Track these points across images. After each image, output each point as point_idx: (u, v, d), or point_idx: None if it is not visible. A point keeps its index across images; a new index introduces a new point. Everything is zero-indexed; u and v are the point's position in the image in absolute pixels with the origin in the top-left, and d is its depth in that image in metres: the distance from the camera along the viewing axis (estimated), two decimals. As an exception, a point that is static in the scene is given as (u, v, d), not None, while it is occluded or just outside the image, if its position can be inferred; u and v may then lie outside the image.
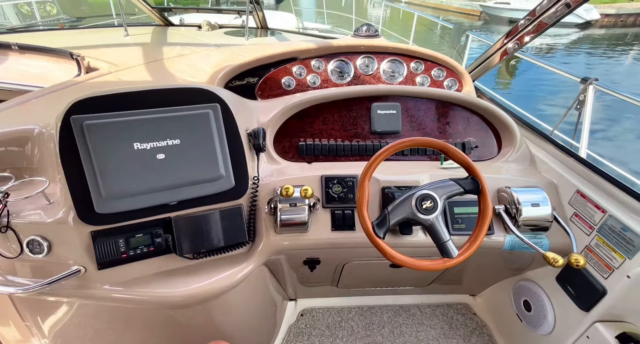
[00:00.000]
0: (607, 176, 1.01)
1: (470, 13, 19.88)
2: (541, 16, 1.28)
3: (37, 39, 2.03)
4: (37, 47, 1.55)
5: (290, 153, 1.28)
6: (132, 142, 0.91)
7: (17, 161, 0.97)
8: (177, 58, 1.78)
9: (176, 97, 0.97)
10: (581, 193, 1.06)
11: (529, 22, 1.34)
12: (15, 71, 1.51)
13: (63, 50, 1.54)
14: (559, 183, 1.15)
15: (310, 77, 1.55)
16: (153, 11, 2.55)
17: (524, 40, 1.43)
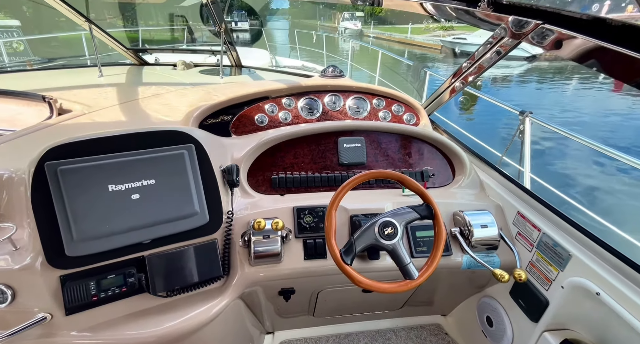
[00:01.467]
0: (540, 200, 1.16)
1: (432, 47, 21.79)
2: (479, 60, 1.50)
3: (6, 81, 2.03)
4: (8, 91, 1.56)
5: (263, 187, 1.35)
6: (106, 184, 0.94)
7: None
8: (152, 98, 1.85)
9: (152, 140, 1.03)
10: (521, 214, 1.20)
11: (470, 65, 1.56)
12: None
13: (34, 94, 1.56)
14: (504, 206, 1.29)
15: (281, 114, 1.67)
16: (128, 52, 2.65)
17: (468, 80, 1.64)
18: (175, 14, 9.26)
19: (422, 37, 23.75)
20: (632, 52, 0.64)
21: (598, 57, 0.75)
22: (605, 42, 0.71)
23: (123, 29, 7.33)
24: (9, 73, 2.30)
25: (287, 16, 51.46)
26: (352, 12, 34.94)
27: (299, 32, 7.97)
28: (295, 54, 7.94)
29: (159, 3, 14.44)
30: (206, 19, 8.53)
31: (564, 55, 0.82)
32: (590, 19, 0.74)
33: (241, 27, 21.99)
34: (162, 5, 13.54)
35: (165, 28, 9.37)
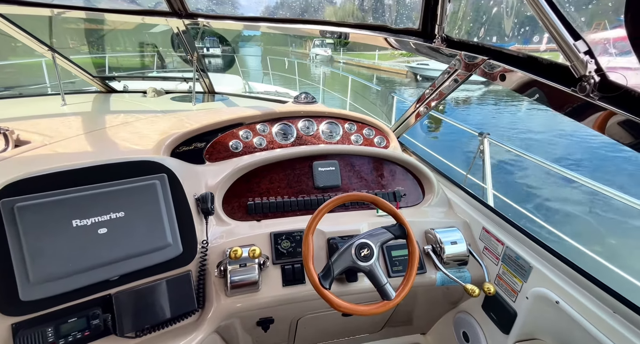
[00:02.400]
0: (501, 215, 1.25)
1: (398, 72, 23.24)
2: (440, 87, 1.63)
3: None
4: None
5: (239, 213, 1.33)
6: (70, 220, 0.90)
7: None
8: (120, 126, 1.80)
9: (121, 171, 1.01)
10: (486, 230, 1.28)
11: (432, 92, 1.69)
12: None
13: None
14: (470, 222, 1.37)
15: (256, 140, 1.69)
16: (94, 79, 2.59)
17: (431, 105, 1.77)
18: (144, 40, 9.21)
19: (388, 63, 25.31)
20: (559, 85, 0.75)
21: (536, 89, 0.86)
22: (537, 76, 0.83)
23: (89, 55, 7.16)
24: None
25: (259, 43, 52.92)
26: (322, 40, 36.82)
27: (272, 58, 8.22)
28: (268, 79, 8.13)
29: (127, 29, 14.38)
30: (177, 46, 8.57)
31: (508, 86, 0.93)
32: (525, 57, 0.86)
33: (213, 52, 22.23)
34: (130, 31, 13.44)
35: (134, 54, 9.26)
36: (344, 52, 37.93)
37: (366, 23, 1.39)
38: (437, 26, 1.02)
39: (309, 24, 1.67)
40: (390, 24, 1.24)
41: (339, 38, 1.73)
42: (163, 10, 1.69)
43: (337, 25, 1.52)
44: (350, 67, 28.27)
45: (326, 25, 1.60)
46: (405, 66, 22.08)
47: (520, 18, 0.91)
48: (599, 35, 0.68)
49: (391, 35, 1.26)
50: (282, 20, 1.65)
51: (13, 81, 6.39)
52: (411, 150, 1.83)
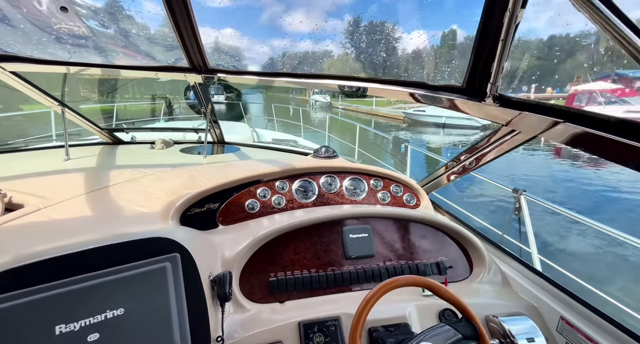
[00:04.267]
0: (587, 304, 1.01)
1: (396, 117, 24.15)
2: (481, 151, 1.48)
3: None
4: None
5: (259, 293, 1.12)
6: (53, 326, 0.69)
7: None
8: (126, 184, 1.65)
9: (123, 254, 0.82)
10: (567, 322, 1.04)
11: (473, 153, 1.54)
12: None
13: None
14: (539, 307, 1.14)
15: (275, 198, 1.53)
16: (102, 132, 2.51)
17: (466, 167, 1.63)
18: (152, 88, 9.62)
19: (386, 109, 26.45)
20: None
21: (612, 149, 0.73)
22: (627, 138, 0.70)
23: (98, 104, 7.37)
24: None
25: (261, 90, 56.05)
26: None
27: (276, 106, 8.49)
28: (272, 125, 8.30)
29: (136, 78, 15.17)
30: (185, 94, 8.91)
31: (575, 148, 0.80)
32: (610, 119, 0.74)
33: (217, 100, 23.28)
34: (138, 80, 14.14)
35: (141, 102, 9.59)
36: (342, 98, 39.98)
37: (397, 79, 1.32)
38: (489, 84, 0.93)
39: (330, 80, 1.62)
40: (427, 80, 1.16)
41: (356, 91, 1.67)
42: (182, 66, 1.65)
43: (362, 80, 1.46)
44: (348, 112, 29.48)
45: (348, 81, 1.55)
46: (402, 112, 23.04)
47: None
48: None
49: (427, 91, 1.18)
50: (304, 76, 1.60)
51: (19, 131, 6.42)
52: (444, 210, 1.67)
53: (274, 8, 1.72)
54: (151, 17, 1.52)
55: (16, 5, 1.36)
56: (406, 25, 1.52)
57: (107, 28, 1.57)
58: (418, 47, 1.53)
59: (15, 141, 2.97)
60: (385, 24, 1.58)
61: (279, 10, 1.65)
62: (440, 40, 1.50)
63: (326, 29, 1.63)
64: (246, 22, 1.70)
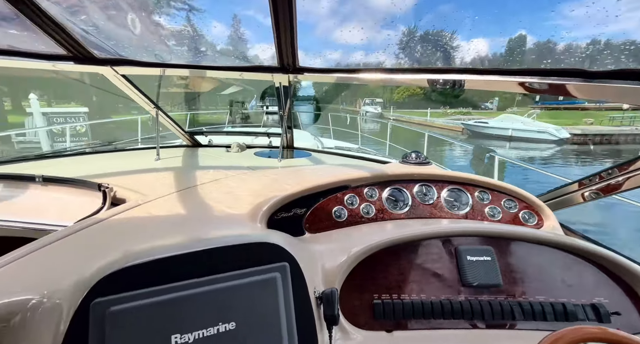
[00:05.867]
0: None
1: (453, 129, 22.75)
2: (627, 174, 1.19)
3: (64, 166, 1.96)
4: (62, 179, 1.42)
5: (363, 317, 0.96)
6: (169, 335, 0.61)
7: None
8: (211, 185, 1.65)
9: (232, 257, 0.74)
10: None
11: (619, 175, 1.24)
12: (29, 206, 1.32)
13: (90, 183, 1.40)
14: None
15: (363, 207, 1.38)
16: (185, 135, 2.65)
17: (608, 189, 1.31)
18: (216, 100, 10.50)
19: (442, 120, 25.13)
20: None
21: None
22: None
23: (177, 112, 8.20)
24: (69, 157, 2.28)
25: (312, 102, 57.85)
26: (372, 98, 38.65)
27: (333, 115, 8.51)
28: (326, 134, 8.32)
29: (203, 92, 16.75)
30: (248, 101, 9.53)
31: None
32: None
33: (272, 110, 24.48)
34: (205, 93, 15.51)
35: (209, 111, 10.50)
36: (394, 109, 39.16)
37: (531, 68, 1.10)
38: None
39: (428, 74, 1.44)
40: (588, 67, 0.92)
41: (452, 87, 1.46)
42: (271, 66, 1.62)
43: (480, 72, 1.25)
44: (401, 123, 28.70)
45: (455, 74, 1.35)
46: (462, 123, 21.64)
47: None
48: None
49: (585, 81, 0.93)
50: (401, 71, 1.45)
51: (111, 135, 7.38)
52: (580, 234, 1.34)
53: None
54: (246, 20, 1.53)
55: (117, 10, 1.45)
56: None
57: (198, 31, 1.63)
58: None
59: (112, 142, 3.31)
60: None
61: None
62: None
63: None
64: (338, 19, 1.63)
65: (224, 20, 1.73)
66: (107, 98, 17.94)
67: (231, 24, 1.72)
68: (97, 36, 1.40)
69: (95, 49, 1.44)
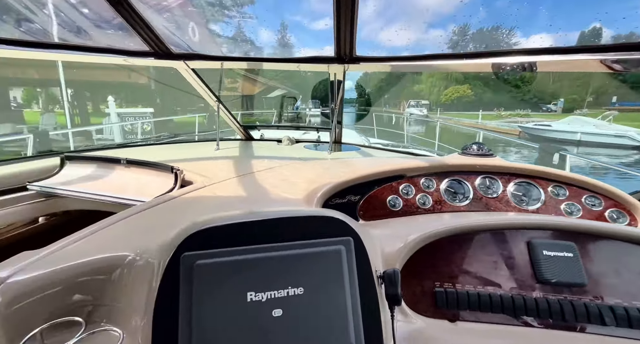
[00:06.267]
0: None
1: (508, 132, 20.99)
2: None
3: (139, 153, 2.20)
4: (142, 162, 1.59)
5: (423, 304, 0.92)
6: (246, 291, 0.65)
7: (99, 297, 0.74)
8: (266, 172, 1.73)
9: (299, 228, 0.76)
10: None
11: None
12: (116, 184, 1.50)
13: (164, 165, 1.55)
14: None
15: (419, 197, 1.34)
16: (240, 128, 2.81)
17: None
18: (262, 102, 11.09)
19: (495, 122, 23.34)
20: None
21: None
22: None
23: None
24: (141, 147, 2.55)
25: (354, 104, 57.63)
26: (418, 100, 37.19)
27: (377, 115, 8.40)
28: (371, 133, 8.22)
29: (250, 95, 17.71)
30: (292, 104, 9.93)
31: None
32: None
33: (314, 113, 24.87)
34: (253, 96, 16.42)
35: (255, 112, 11.12)
36: (441, 112, 37.37)
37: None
38: None
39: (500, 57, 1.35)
40: None
41: (522, 70, 1.34)
42: (327, 56, 1.65)
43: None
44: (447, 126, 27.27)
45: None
46: (519, 126, 19.87)
47: None
48: None
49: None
50: (465, 56, 1.38)
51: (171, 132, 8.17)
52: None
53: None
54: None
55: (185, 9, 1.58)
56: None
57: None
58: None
59: (177, 135, 3.63)
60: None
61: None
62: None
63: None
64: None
65: (284, 17, 1.81)
66: (168, 101, 19.87)
67: (280, 25, 1.80)
68: (175, 32, 1.55)
69: (172, 45, 1.60)
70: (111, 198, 1.36)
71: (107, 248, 0.80)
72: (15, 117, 14.32)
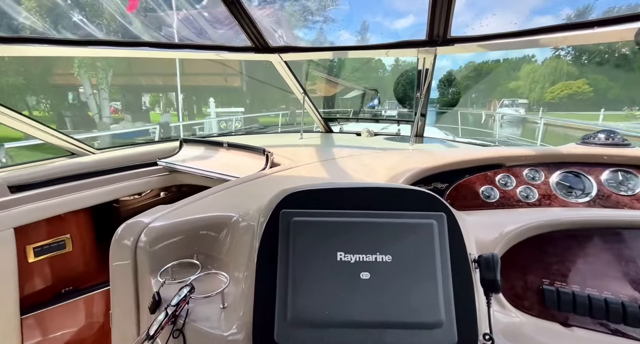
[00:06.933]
0: None
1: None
2: None
3: (235, 140, 2.50)
4: (240, 145, 1.80)
5: (527, 301, 0.81)
6: (335, 251, 0.68)
7: (210, 248, 0.89)
8: (348, 158, 1.77)
9: (393, 198, 0.75)
10: None
11: None
12: (219, 162, 1.74)
13: (257, 147, 1.72)
14: None
15: (521, 189, 1.18)
16: (321, 121, 2.93)
17: None
18: (338, 102, 11.41)
19: (622, 125, 18.80)
20: None
21: None
22: None
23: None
24: (235, 136, 2.89)
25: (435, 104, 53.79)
26: (513, 99, 32.16)
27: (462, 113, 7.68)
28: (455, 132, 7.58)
29: (329, 95, 18.36)
30: (368, 101, 9.95)
31: None
32: None
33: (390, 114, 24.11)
34: (331, 96, 17.03)
35: (332, 110, 11.63)
36: (544, 112, 31.89)
37: None
38: None
39: None
40: None
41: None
42: (418, 40, 1.59)
43: None
44: (555, 129, 23.13)
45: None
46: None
47: None
48: None
49: None
50: (592, 24, 1.16)
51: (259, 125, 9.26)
52: None
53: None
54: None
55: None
56: None
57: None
58: None
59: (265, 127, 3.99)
60: None
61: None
62: None
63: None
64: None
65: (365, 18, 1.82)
66: (255, 102, 22.21)
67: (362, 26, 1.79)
68: (273, 26, 1.71)
69: (269, 39, 1.77)
70: (215, 173, 1.58)
71: (217, 209, 0.95)
72: (145, 116, 18.25)
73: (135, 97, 22.02)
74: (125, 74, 19.88)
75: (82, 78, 16.42)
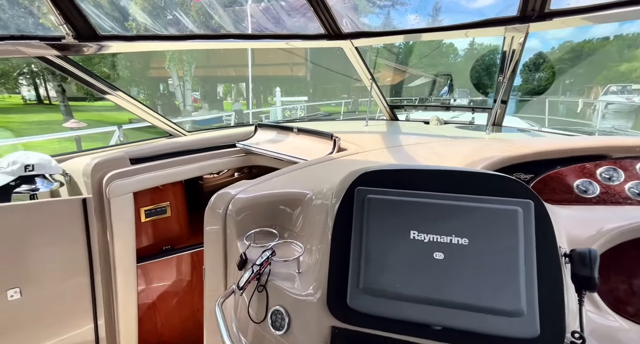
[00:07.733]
0: None
1: None
2: None
3: (302, 125, 2.61)
4: (309, 130, 1.88)
5: (630, 306, 0.72)
6: (409, 229, 0.69)
7: (285, 221, 0.98)
8: (416, 146, 1.71)
9: (474, 183, 0.72)
10: None
11: None
12: (290, 146, 1.86)
13: (325, 132, 1.78)
14: None
15: (631, 185, 1.01)
16: (387, 108, 2.86)
17: None
18: (404, 90, 10.88)
19: None
20: None
21: None
22: None
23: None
24: (302, 122, 3.01)
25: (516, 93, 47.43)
26: (625, 85, 26.18)
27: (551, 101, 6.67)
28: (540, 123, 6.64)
29: (394, 83, 17.70)
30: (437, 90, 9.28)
31: None
32: None
33: (460, 103, 22.16)
34: (397, 84, 16.49)
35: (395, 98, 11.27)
36: (668, 99, 25.51)
37: None
38: None
39: None
40: None
41: None
42: (506, 17, 1.43)
43: None
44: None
45: None
46: None
47: None
48: None
49: None
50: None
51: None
52: None
53: None
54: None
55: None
56: None
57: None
58: None
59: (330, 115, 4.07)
60: None
61: None
62: None
63: None
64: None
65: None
66: (318, 92, 22.68)
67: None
68: (346, 12, 1.72)
69: (342, 25, 1.78)
70: (286, 155, 1.70)
71: (292, 186, 1.03)
72: (219, 105, 20.19)
73: (212, 88, 24.45)
74: (205, 66, 22.05)
75: (172, 70, 18.69)
